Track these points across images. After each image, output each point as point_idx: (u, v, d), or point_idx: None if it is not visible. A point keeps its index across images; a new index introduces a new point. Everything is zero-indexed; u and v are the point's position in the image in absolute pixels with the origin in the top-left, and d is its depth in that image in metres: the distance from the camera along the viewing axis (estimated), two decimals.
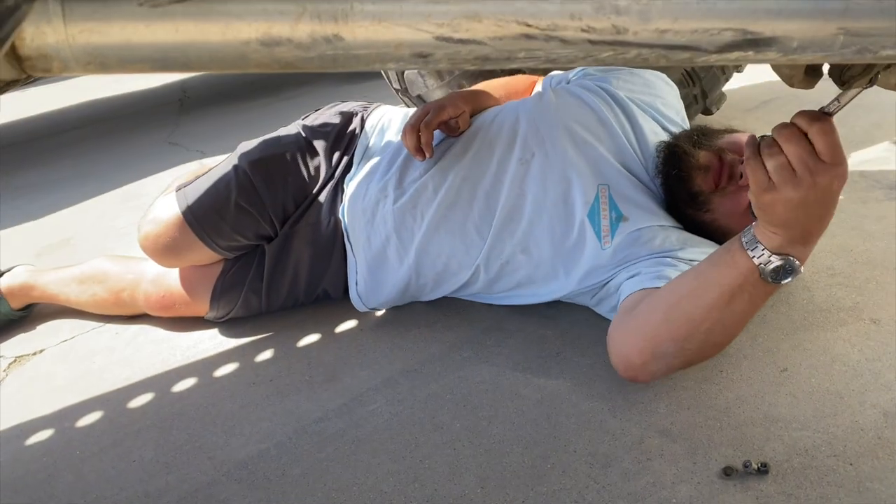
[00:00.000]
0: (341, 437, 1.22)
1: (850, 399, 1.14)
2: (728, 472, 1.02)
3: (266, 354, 1.49)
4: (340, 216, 1.54)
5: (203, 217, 1.48)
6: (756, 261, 0.95)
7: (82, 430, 1.35)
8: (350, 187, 1.54)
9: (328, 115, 1.66)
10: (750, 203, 0.94)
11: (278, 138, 1.59)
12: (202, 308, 1.58)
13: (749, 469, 1.02)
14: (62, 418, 1.38)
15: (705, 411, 1.16)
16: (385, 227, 1.45)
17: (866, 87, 0.76)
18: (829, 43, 0.46)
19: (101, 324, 1.70)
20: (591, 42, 0.41)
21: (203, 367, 1.48)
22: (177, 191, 1.53)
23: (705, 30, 0.43)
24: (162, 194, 1.59)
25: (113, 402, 1.41)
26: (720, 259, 1.01)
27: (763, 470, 1.01)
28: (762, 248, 0.94)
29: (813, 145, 0.83)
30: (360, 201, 1.49)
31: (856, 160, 1.98)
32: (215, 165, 1.58)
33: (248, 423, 1.29)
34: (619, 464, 1.08)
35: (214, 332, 1.59)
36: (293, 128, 1.63)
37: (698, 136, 1.34)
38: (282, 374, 1.42)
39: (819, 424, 1.10)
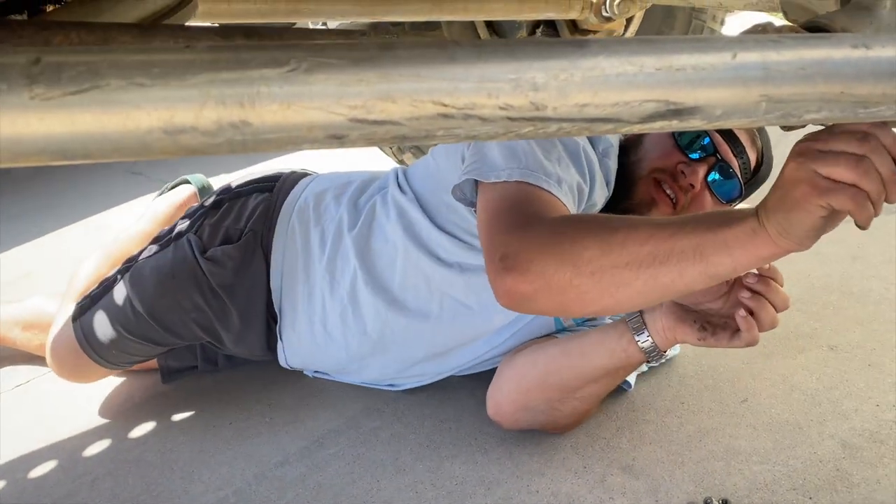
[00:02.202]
0: (302, 481, 1.19)
1: (809, 430, 1.14)
2: None
3: (225, 397, 1.46)
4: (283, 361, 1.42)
5: (107, 353, 1.39)
6: (643, 347, 1.04)
7: (35, 480, 1.30)
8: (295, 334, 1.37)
9: (224, 231, 1.40)
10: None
11: (172, 272, 1.35)
12: (150, 361, 1.53)
13: None
14: (14, 469, 1.34)
15: (667, 445, 1.15)
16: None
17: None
18: (752, 110, 0.46)
19: None
20: (511, 119, 0.40)
21: (161, 412, 1.44)
22: (73, 320, 1.41)
23: (626, 102, 0.42)
24: (64, 301, 1.51)
25: (68, 450, 1.37)
26: (609, 343, 1.08)
27: None
28: (648, 335, 1.04)
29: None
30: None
31: None
32: (109, 283, 1.42)
33: (207, 469, 1.26)
34: (581, 503, 1.07)
35: None
36: (185, 249, 1.37)
37: (620, 180, 1.24)
38: (241, 416, 1.39)
39: (779, 457, 1.10)
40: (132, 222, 1.71)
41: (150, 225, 1.64)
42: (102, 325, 1.38)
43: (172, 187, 1.87)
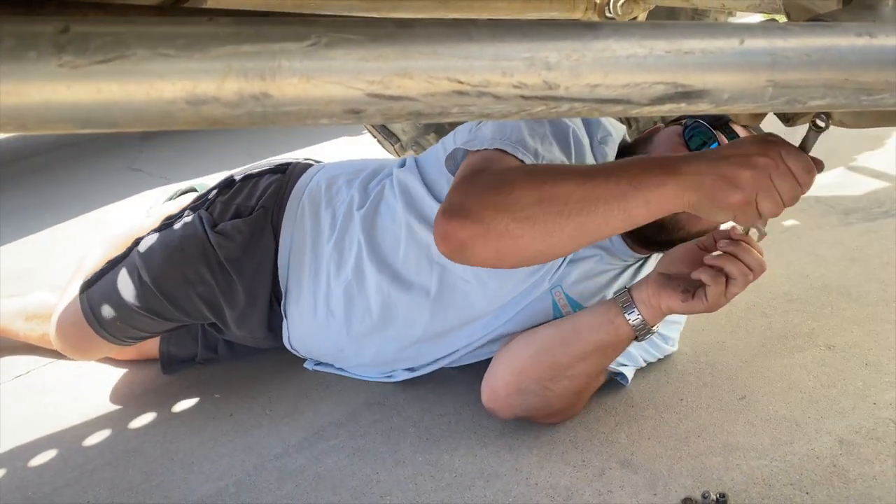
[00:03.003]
0: (301, 473, 1.20)
1: (807, 426, 1.15)
2: None
3: (226, 388, 1.46)
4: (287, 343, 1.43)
5: (111, 326, 1.41)
6: (632, 323, 1.08)
7: (35, 469, 1.31)
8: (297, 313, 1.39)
9: (235, 207, 1.43)
10: None
11: (181, 244, 1.38)
12: (152, 349, 1.54)
13: (708, 500, 1.02)
14: (14, 458, 1.34)
15: (665, 441, 1.16)
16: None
17: (819, 131, 0.80)
18: (758, 94, 0.47)
19: (57, 359, 1.66)
20: (524, 97, 0.41)
21: (161, 402, 1.45)
22: (80, 292, 1.44)
23: (636, 84, 0.43)
24: (70, 282, 1.52)
25: (68, 439, 1.38)
26: (599, 318, 1.11)
27: (721, 500, 1.02)
28: (638, 313, 1.07)
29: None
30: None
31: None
32: (118, 259, 1.45)
33: (207, 460, 1.26)
34: (580, 496, 1.07)
35: None
36: (195, 224, 1.40)
37: None
38: (242, 408, 1.39)
39: (776, 453, 1.11)
40: (142, 218, 1.72)
41: (160, 223, 1.65)
42: (108, 297, 1.40)
43: (181, 194, 1.88)
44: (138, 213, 2.20)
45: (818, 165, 0.85)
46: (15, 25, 0.34)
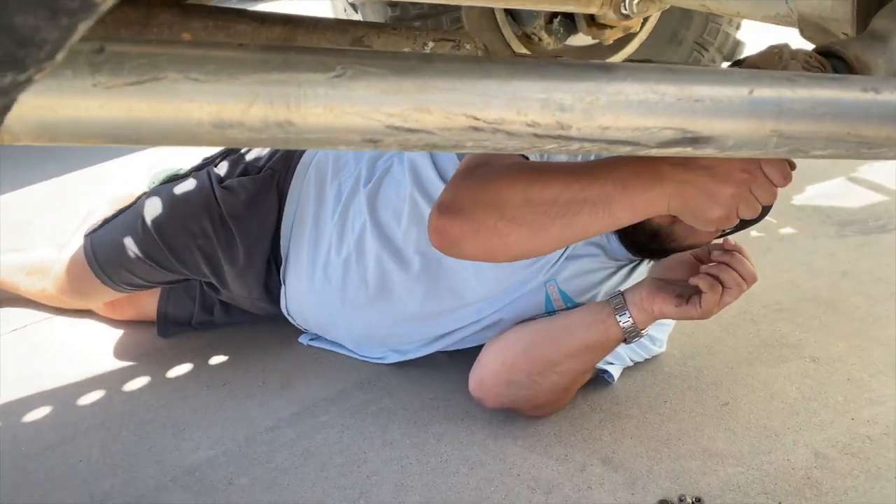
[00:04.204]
0: (291, 447, 1.23)
1: (785, 437, 1.18)
2: None
3: (221, 357, 1.49)
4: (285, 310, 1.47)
5: (110, 269, 1.44)
6: (622, 325, 1.10)
7: (29, 425, 1.34)
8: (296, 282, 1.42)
9: (244, 166, 1.46)
10: None
11: (187, 196, 1.42)
12: (149, 309, 1.56)
13: (684, 503, 1.05)
14: (9, 412, 1.37)
15: (647, 441, 1.19)
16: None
17: None
18: (763, 143, 0.48)
19: (55, 315, 1.68)
20: (536, 136, 0.43)
21: (156, 366, 1.47)
22: (84, 236, 1.48)
23: (646, 128, 0.45)
24: (75, 233, 1.54)
25: (62, 397, 1.40)
26: (590, 318, 1.14)
27: None
28: (629, 316, 1.10)
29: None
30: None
31: (810, 194, 2.04)
32: (124, 208, 1.49)
33: (199, 428, 1.29)
34: (560, 490, 1.11)
35: None
36: (203, 178, 1.44)
37: None
38: (236, 377, 1.42)
39: (753, 461, 1.14)
40: (145, 180, 1.72)
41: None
42: (111, 240, 1.44)
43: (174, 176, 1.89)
44: (140, 170, 2.20)
45: (792, 166, 0.87)
46: None
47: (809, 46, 0.90)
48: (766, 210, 0.93)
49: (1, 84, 0.23)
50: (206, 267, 1.42)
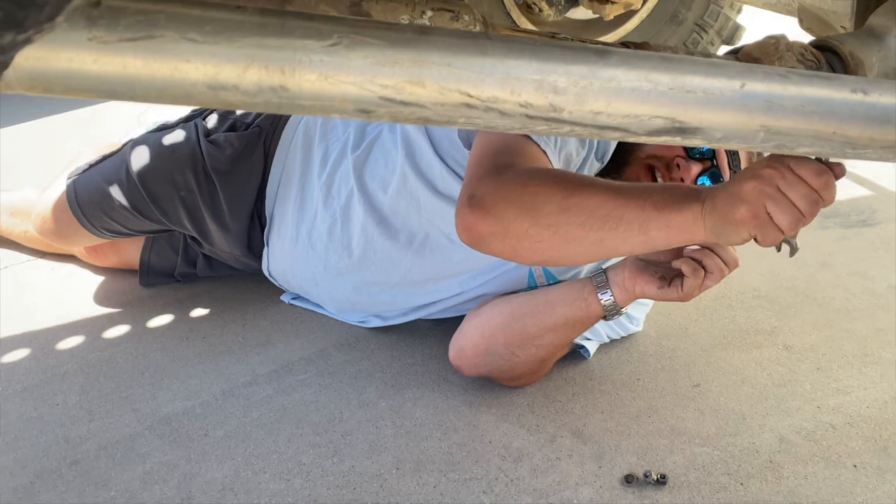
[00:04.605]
0: (267, 403, 1.24)
1: (752, 421, 1.21)
2: (629, 480, 1.09)
3: (202, 311, 1.49)
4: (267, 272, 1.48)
5: (92, 214, 1.43)
6: (603, 303, 1.11)
7: (7, 366, 1.34)
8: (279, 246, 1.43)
9: (232, 122, 1.46)
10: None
11: (172, 147, 1.42)
12: (132, 257, 1.56)
13: (649, 479, 1.08)
14: None
15: (617, 417, 1.22)
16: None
17: None
18: (750, 136, 0.49)
19: (36, 257, 1.67)
20: (528, 116, 0.43)
21: (137, 316, 1.48)
22: (68, 179, 1.47)
23: (637, 115, 0.45)
24: (59, 176, 1.53)
25: (41, 340, 1.41)
26: (572, 294, 1.15)
27: (661, 481, 1.08)
28: (610, 294, 1.11)
29: None
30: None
31: None
32: (109, 154, 1.48)
33: (177, 379, 1.30)
34: (529, 459, 1.13)
35: None
36: (189, 129, 1.44)
37: (616, 156, 1.28)
38: (216, 332, 1.43)
39: (719, 442, 1.17)
40: (133, 126, 1.71)
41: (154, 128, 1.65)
42: (94, 184, 1.43)
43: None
44: (128, 115, 2.18)
45: (835, 169, 0.81)
46: None
47: (807, 39, 0.90)
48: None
49: (0, 43, 0.23)
50: (187, 220, 1.42)
